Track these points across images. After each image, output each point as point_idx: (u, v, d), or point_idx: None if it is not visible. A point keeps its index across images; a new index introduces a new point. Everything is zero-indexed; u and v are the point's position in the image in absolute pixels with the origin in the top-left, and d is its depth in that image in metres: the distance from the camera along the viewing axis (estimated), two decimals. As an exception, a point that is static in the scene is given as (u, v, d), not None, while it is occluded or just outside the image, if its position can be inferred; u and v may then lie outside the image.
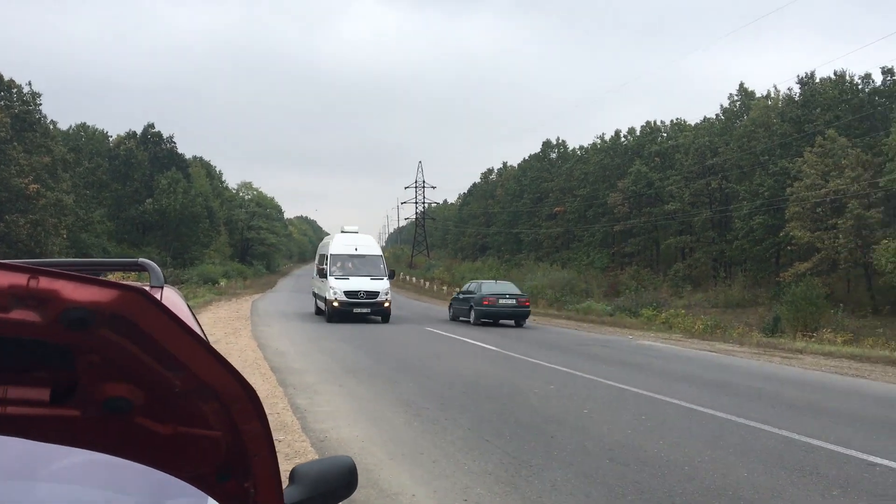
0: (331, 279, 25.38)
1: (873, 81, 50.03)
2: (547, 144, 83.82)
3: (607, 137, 72.92)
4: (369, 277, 25.73)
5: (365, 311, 25.16)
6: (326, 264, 26.30)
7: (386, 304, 25.54)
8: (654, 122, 69.02)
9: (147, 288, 2.51)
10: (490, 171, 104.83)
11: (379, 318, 25.67)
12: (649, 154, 63.15)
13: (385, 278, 26.17)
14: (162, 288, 2.53)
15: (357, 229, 28.74)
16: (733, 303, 45.31)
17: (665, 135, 66.90)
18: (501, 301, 26.09)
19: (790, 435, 8.31)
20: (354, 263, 26.44)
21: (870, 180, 38.90)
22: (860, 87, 50.35)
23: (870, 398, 11.56)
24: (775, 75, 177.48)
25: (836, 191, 39.78)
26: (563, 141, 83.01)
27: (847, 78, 50.52)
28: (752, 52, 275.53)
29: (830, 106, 48.44)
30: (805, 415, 9.79)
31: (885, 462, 7.09)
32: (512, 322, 26.58)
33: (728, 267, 55.83)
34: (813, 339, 22.95)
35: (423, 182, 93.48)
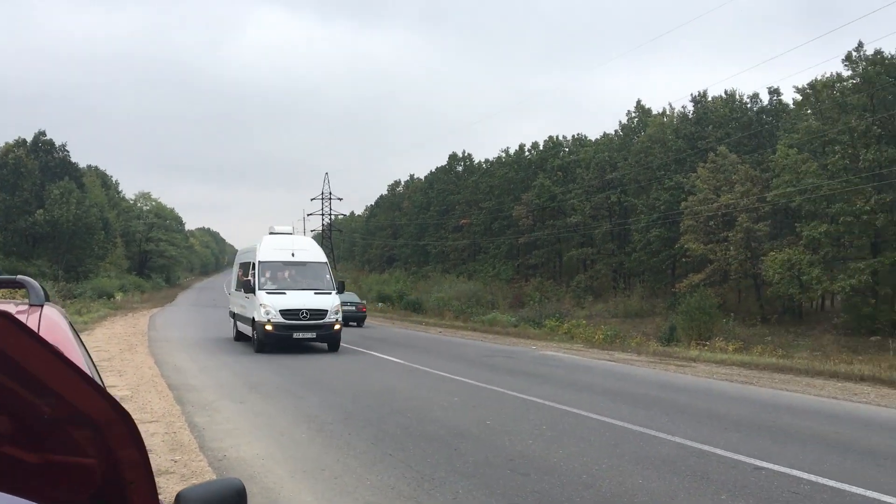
0: (261, 294, 19.69)
1: (761, 101, 52.88)
2: (453, 157, 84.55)
3: (512, 151, 74.29)
4: (313, 292, 20.32)
5: (308, 335, 19.63)
6: (253, 275, 20.51)
7: (336, 327, 20.15)
8: (557, 137, 70.57)
9: (26, 307, 2.40)
10: (397, 183, 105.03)
11: (325, 345, 20.55)
12: (552, 168, 64.59)
13: (333, 292, 20.71)
14: (42, 307, 2.42)
15: (291, 230, 23.72)
16: (632, 313, 46.77)
17: (567, 149, 68.50)
18: (344, 308, 30.93)
19: (683, 441, 8.61)
20: (292, 273, 21.11)
21: (758, 195, 40.90)
22: (749, 105, 53.07)
23: (758, 404, 12.09)
24: (670, 93, 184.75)
25: (726, 205, 41.72)
26: (469, 154, 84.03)
27: (737, 97, 53.19)
28: (648, 71, 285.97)
29: (721, 123, 50.82)
30: (697, 421, 10.16)
31: (771, 466, 7.43)
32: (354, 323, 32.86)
33: (627, 278, 57.63)
34: (706, 348, 23.84)
35: (330, 194, 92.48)
